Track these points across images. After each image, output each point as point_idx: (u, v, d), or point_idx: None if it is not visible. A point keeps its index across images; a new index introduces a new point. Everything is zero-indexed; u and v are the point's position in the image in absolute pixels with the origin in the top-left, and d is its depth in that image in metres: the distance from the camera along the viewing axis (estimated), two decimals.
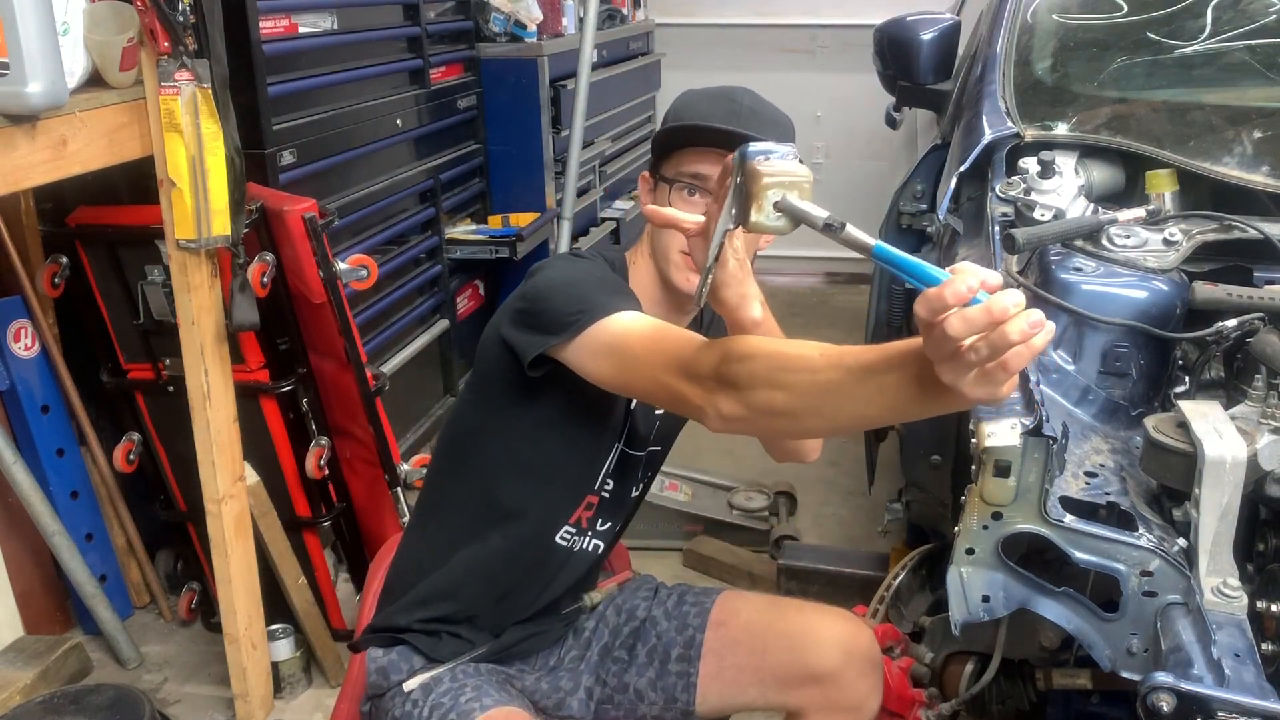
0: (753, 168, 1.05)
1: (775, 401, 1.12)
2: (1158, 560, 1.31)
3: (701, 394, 1.19)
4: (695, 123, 1.44)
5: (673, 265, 1.46)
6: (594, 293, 1.37)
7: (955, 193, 2.06)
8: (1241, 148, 1.97)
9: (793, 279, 5.31)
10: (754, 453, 3.50)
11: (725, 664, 1.56)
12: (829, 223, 1.01)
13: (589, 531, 1.57)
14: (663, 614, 1.62)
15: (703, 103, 1.49)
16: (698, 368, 1.20)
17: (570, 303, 1.35)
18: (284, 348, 2.33)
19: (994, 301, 0.86)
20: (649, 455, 1.62)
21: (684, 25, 5.08)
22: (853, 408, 1.08)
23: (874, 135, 4.80)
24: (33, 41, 1.63)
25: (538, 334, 1.37)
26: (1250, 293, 1.60)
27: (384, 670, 1.51)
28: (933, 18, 2.72)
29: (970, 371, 0.90)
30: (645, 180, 1.54)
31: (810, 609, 1.61)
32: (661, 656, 1.58)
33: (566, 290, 1.38)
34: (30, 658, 2.37)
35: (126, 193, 2.28)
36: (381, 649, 1.53)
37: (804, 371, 1.10)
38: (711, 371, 1.18)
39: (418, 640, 1.51)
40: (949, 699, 1.86)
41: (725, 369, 1.16)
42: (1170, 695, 1.14)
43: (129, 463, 2.43)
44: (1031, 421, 1.38)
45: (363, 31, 2.91)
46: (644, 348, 1.29)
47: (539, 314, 1.38)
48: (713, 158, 1.41)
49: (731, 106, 1.47)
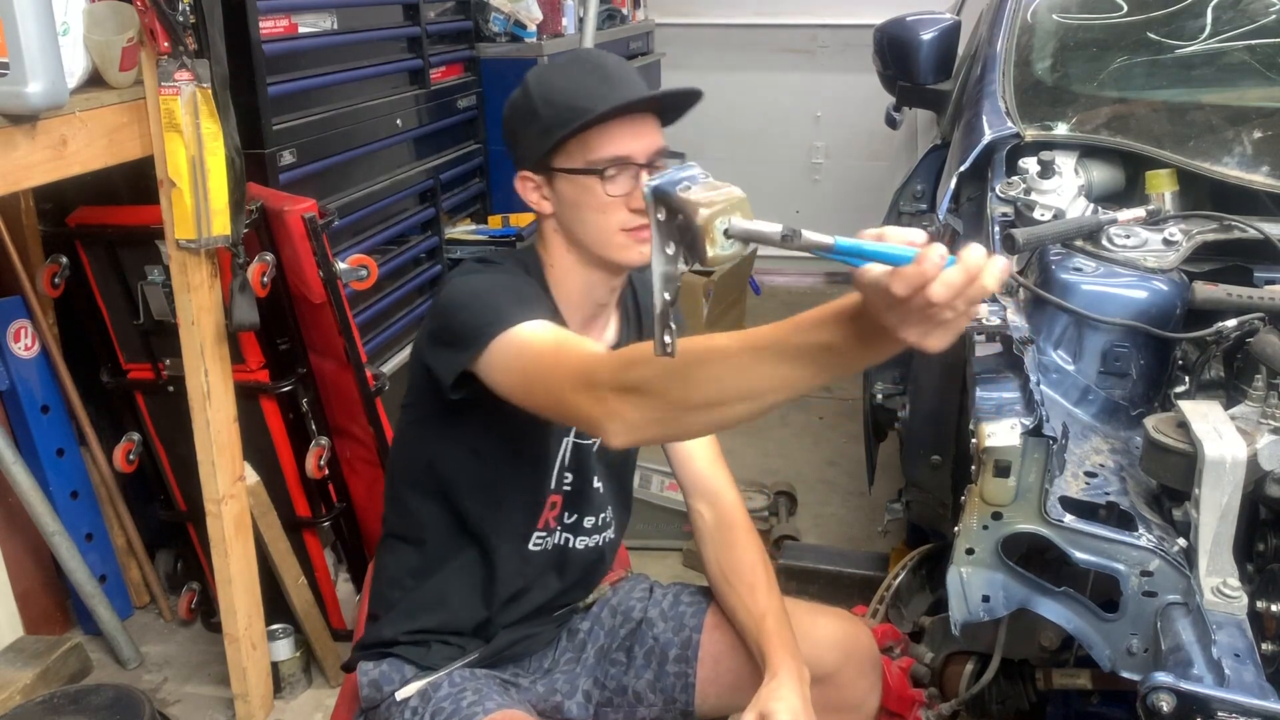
0: (683, 200, 0.98)
1: (691, 395, 1.09)
2: (1158, 560, 1.31)
3: (601, 406, 1.14)
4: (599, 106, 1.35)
5: (617, 247, 1.41)
6: (501, 302, 1.33)
7: (955, 193, 2.06)
8: (1241, 148, 1.97)
9: (793, 279, 5.31)
10: (754, 453, 3.53)
11: (722, 667, 1.56)
12: (784, 234, 0.99)
13: (558, 529, 1.54)
14: (658, 615, 1.61)
15: (572, 80, 1.41)
16: (596, 377, 1.16)
17: (477, 315, 1.33)
18: (284, 348, 2.33)
19: (969, 262, 0.89)
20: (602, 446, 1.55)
21: (684, 25, 5.07)
22: (774, 380, 1.07)
23: (874, 135, 4.80)
24: (33, 41, 1.63)
25: (451, 352, 1.35)
26: (1250, 293, 1.60)
27: (376, 683, 1.49)
28: (933, 18, 2.72)
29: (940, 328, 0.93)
30: (528, 180, 1.45)
31: (806, 609, 1.60)
32: (659, 658, 1.57)
33: (472, 303, 1.35)
34: (30, 658, 2.37)
35: (126, 193, 2.28)
36: (372, 662, 1.51)
37: (718, 358, 1.08)
38: (611, 378, 1.14)
39: (407, 651, 1.49)
40: (949, 699, 1.86)
41: (628, 374, 1.13)
42: (1170, 695, 1.14)
43: (129, 463, 2.43)
44: (1031, 421, 1.38)
45: (363, 31, 2.90)
46: (545, 359, 1.26)
47: (450, 330, 1.36)
48: (628, 134, 1.38)
49: (605, 73, 1.42)
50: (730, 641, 1.56)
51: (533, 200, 1.45)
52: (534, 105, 1.42)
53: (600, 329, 1.53)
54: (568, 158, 1.40)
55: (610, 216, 1.39)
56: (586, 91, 1.38)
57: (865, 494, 2.94)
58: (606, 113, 1.36)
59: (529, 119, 1.42)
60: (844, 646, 1.55)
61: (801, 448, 3.59)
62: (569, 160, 1.40)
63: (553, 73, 1.44)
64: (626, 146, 1.38)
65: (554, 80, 1.42)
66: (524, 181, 1.45)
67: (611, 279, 1.48)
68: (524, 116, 1.43)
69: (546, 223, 1.47)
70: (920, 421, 2.17)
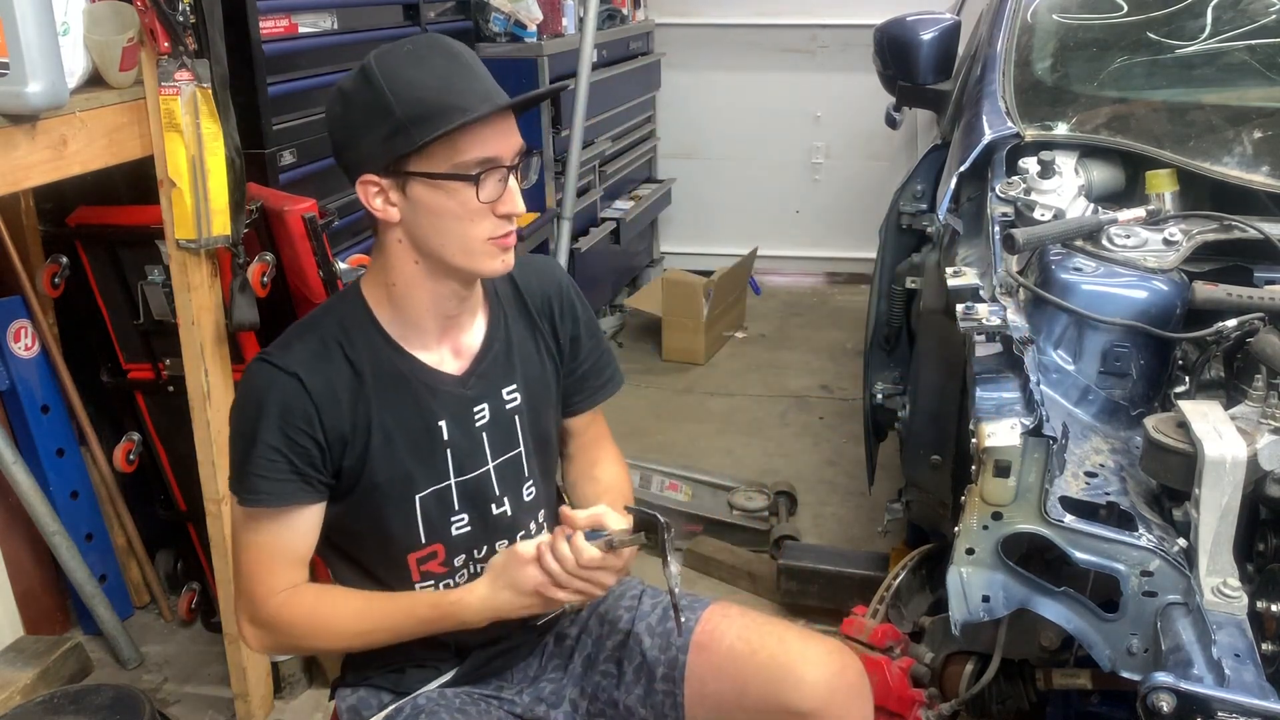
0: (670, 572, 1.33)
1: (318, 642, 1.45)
2: (1158, 560, 1.31)
3: (240, 627, 1.41)
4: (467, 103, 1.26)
5: (481, 255, 1.32)
6: (244, 462, 1.33)
7: (955, 193, 2.05)
8: (1241, 148, 1.97)
9: (793, 279, 5.31)
10: (754, 453, 3.53)
11: (708, 690, 1.48)
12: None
13: (461, 570, 1.47)
14: (645, 629, 1.53)
15: (428, 72, 1.27)
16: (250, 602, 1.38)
17: (233, 462, 1.36)
18: None
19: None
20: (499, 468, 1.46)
21: (684, 25, 5.07)
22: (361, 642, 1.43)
23: (874, 135, 4.80)
24: (33, 41, 1.63)
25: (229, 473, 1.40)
26: (1250, 293, 1.60)
27: (354, 709, 1.47)
28: (933, 18, 2.72)
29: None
30: (370, 184, 1.30)
31: (794, 639, 1.47)
32: (648, 674, 1.50)
33: (231, 443, 1.38)
34: (30, 658, 2.37)
35: (126, 193, 2.28)
36: (349, 688, 1.50)
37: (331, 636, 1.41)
38: (254, 611, 1.38)
39: (383, 679, 1.48)
40: (949, 699, 1.86)
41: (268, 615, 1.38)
42: (1170, 695, 1.14)
43: (129, 463, 2.43)
44: (1031, 421, 1.38)
45: (363, 31, 2.90)
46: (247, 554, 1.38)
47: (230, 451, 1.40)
48: (497, 134, 1.28)
49: (462, 64, 1.30)
50: (715, 663, 1.48)
51: (375, 207, 1.31)
52: (383, 100, 1.26)
53: (461, 332, 1.43)
54: (428, 161, 1.27)
55: (477, 224, 1.29)
56: (448, 86, 1.26)
57: (865, 494, 2.94)
58: (485, 114, 1.26)
59: (376, 116, 1.27)
60: (829, 684, 1.43)
61: (801, 448, 3.59)
62: (430, 164, 1.27)
63: (400, 62, 1.28)
64: (495, 147, 1.28)
65: (405, 72, 1.27)
66: (366, 187, 1.30)
67: (463, 289, 1.38)
68: (368, 112, 1.27)
69: (389, 233, 1.33)
70: (920, 421, 2.17)
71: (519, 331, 1.48)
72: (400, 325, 1.38)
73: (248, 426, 1.33)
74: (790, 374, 4.21)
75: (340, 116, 1.32)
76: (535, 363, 1.50)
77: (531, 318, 1.50)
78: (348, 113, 1.31)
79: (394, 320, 1.38)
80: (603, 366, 1.59)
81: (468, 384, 1.42)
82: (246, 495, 1.34)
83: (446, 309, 1.39)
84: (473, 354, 1.43)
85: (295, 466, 1.33)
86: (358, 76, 1.29)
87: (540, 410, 1.50)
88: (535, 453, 1.51)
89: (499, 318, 1.47)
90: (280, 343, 1.37)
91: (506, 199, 1.31)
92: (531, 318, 1.50)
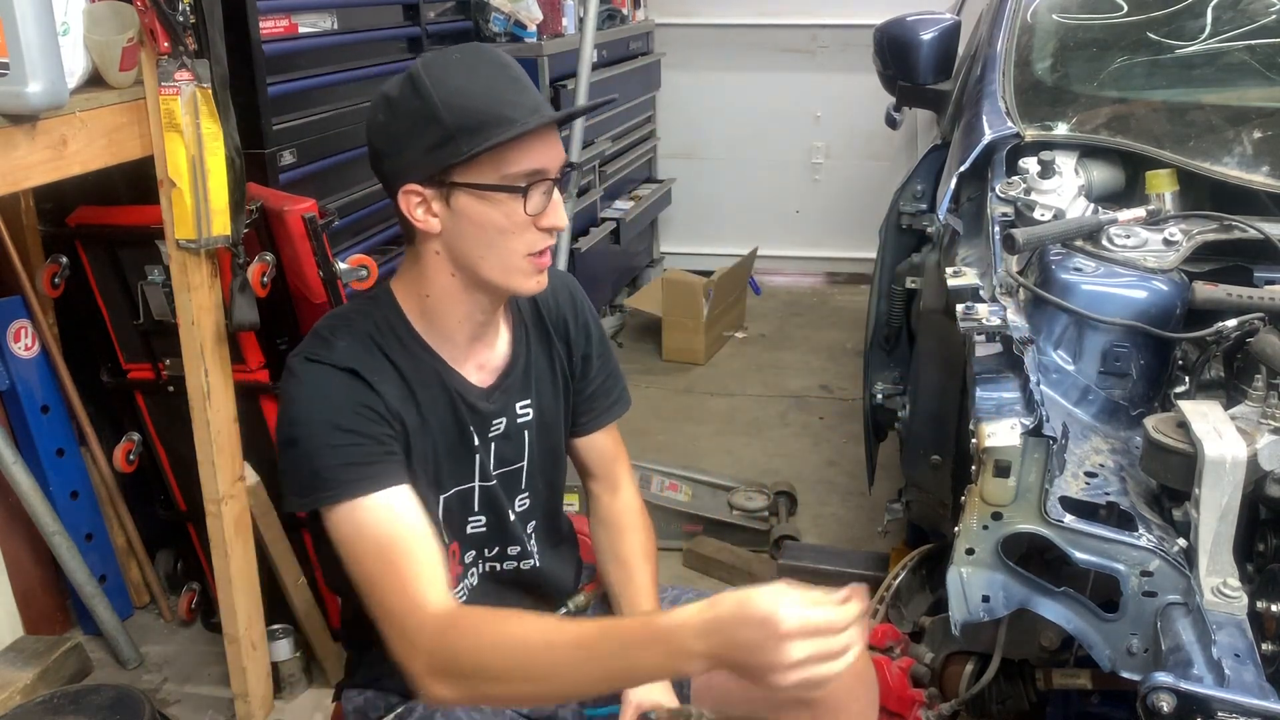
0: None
1: (512, 692, 1.18)
2: (1158, 560, 1.31)
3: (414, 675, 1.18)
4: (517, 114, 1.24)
5: (518, 273, 1.31)
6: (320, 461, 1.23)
7: (955, 193, 2.05)
8: (1241, 148, 1.97)
9: (793, 279, 5.32)
10: (754, 453, 3.53)
11: (714, 680, 1.48)
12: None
13: (472, 568, 1.48)
14: None
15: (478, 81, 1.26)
16: (411, 640, 1.18)
17: (296, 468, 1.24)
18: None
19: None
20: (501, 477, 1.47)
21: (684, 25, 5.07)
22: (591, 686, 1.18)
23: (874, 135, 4.80)
24: (33, 41, 1.63)
25: (287, 484, 1.27)
26: (1250, 293, 1.60)
27: (361, 710, 1.47)
28: (933, 18, 2.72)
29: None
30: (414, 194, 1.27)
31: None
32: None
33: (292, 449, 1.24)
34: (30, 658, 2.37)
35: (126, 193, 2.28)
36: (357, 689, 1.49)
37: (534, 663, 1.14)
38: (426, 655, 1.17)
39: (392, 683, 1.46)
40: (949, 699, 1.86)
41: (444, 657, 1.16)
42: (1170, 695, 1.14)
43: (129, 463, 2.43)
44: (1031, 421, 1.38)
45: (363, 31, 2.90)
46: (367, 567, 1.22)
47: (285, 462, 1.27)
48: (543, 146, 1.27)
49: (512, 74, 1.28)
50: None
51: (416, 218, 1.28)
52: (432, 109, 1.23)
53: (488, 344, 1.43)
54: (475, 171, 1.25)
55: (519, 238, 1.28)
56: (498, 96, 1.25)
57: (865, 494, 2.94)
58: (536, 126, 1.24)
59: (424, 124, 1.24)
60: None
61: (801, 448, 3.59)
62: (477, 174, 1.25)
63: (449, 70, 1.26)
64: (542, 159, 1.27)
65: (454, 80, 1.25)
66: (407, 197, 1.27)
67: (494, 303, 1.38)
68: (415, 121, 1.25)
69: (427, 244, 1.31)
70: (920, 421, 2.17)
71: (537, 348, 1.49)
72: (432, 334, 1.37)
73: (316, 424, 1.25)
74: (790, 374, 4.21)
75: (384, 124, 1.29)
76: (549, 379, 1.50)
77: (548, 334, 1.50)
78: (393, 120, 1.27)
79: (427, 329, 1.36)
80: (611, 387, 1.59)
81: (491, 397, 1.42)
82: (337, 491, 1.22)
83: (477, 321, 1.37)
84: (496, 369, 1.43)
85: (383, 446, 1.27)
86: (404, 84, 1.26)
87: (550, 425, 1.51)
88: (539, 468, 1.51)
89: (521, 334, 1.47)
90: (318, 342, 1.31)
91: (551, 211, 1.29)
92: (548, 334, 1.50)
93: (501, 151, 1.24)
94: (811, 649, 1.02)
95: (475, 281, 1.32)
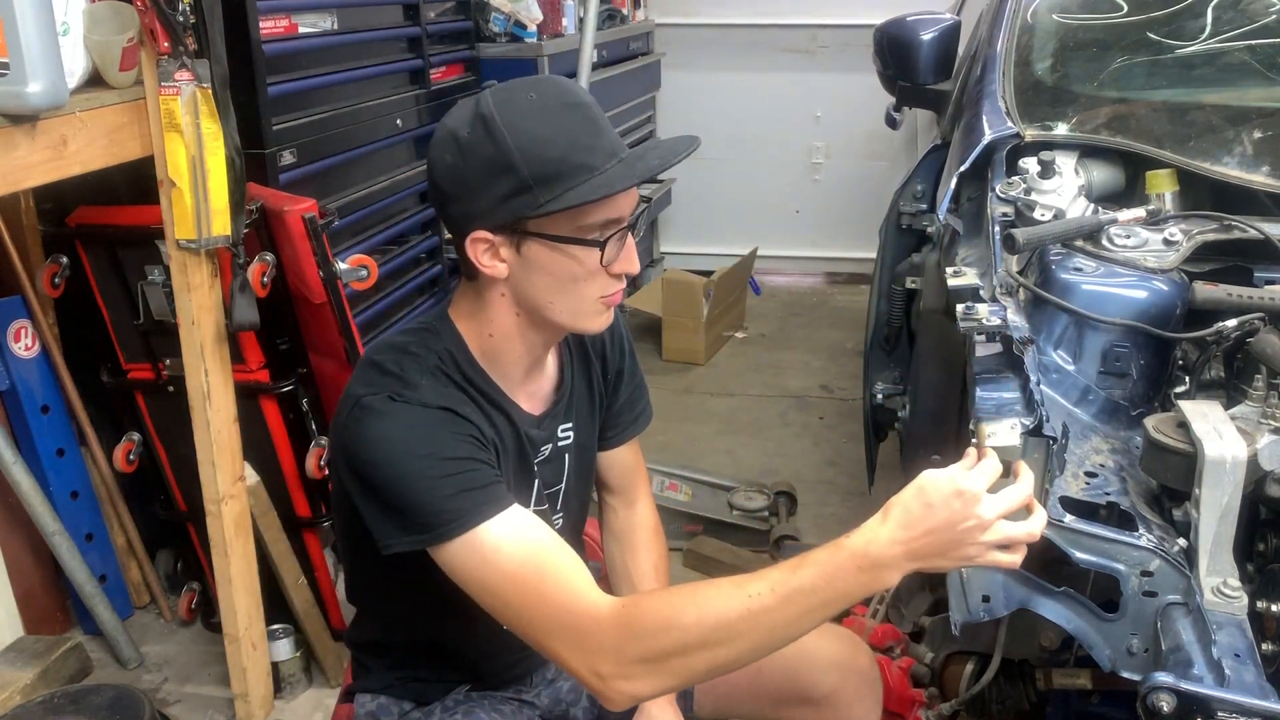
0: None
1: (717, 659, 1.11)
2: (1158, 560, 1.31)
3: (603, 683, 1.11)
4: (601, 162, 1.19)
5: (590, 315, 1.28)
6: (439, 493, 1.16)
7: (955, 193, 2.05)
8: (1241, 148, 1.97)
9: (793, 279, 5.32)
10: (754, 453, 3.53)
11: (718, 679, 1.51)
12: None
13: None
14: None
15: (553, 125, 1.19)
16: (592, 643, 1.11)
17: (413, 505, 1.16)
18: (284, 348, 2.33)
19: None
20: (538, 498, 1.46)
21: (684, 25, 5.08)
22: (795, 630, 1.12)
23: (874, 135, 4.80)
24: (33, 41, 1.63)
25: (391, 524, 1.19)
26: (1250, 293, 1.60)
27: (374, 715, 1.47)
28: (933, 18, 2.72)
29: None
30: (483, 241, 1.21)
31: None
32: None
33: (403, 485, 1.17)
34: (30, 658, 2.37)
35: (126, 193, 2.28)
36: (370, 694, 1.49)
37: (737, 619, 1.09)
38: (614, 652, 1.11)
39: (405, 690, 1.47)
40: (949, 699, 1.86)
41: (638, 646, 1.10)
42: (1170, 695, 1.14)
43: (129, 463, 2.43)
44: (1031, 421, 1.38)
45: (363, 31, 2.90)
46: (520, 586, 1.15)
47: (382, 500, 1.19)
48: (624, 196, 1.23)
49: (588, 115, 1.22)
50: None
51: (484, 264, 1.23)
52: (508, 157, 1.17)
53: (541, 374, 1.41)
54: (550, 222, 1.19)
55: (593, 284, 1.24)
56: (576, 143, 1.18)
57: (865, 494, 2.93)
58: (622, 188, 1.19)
59: (498, 172, 1.18)
60: (841, 669, 1.51)
61: (801, 448, 3.59)
62: (552, 225, 1.20)
63: (524, 114, 1.19)
64: (620, 209, 1.23)
65: (530, 126, 1.18)
66: (475, 244, 1.22)
67: (558, 338, 1.36)
68: (490, 168, 1.18)
69: (493, 288, 1.26)
70: (920, 421, 2.17)
71: (579, 372, 1.48)
72: (493, 367, 1.33)
73: (419, 459, 1.18)
74: (790, 374, 4.21)
75: (453, 167, 1.21)
76: (586, 402, 1.49)
77: (588, 356, 1.49)
78: (463, 164, 1.20)
79: (488, 362, 1.33)
80: (637, 400, 1.58)
81: (541, 424, 1.41)
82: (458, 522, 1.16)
83: (536, 355, 1.35)
84: (546, 396, 1.42)
85: (493, 469, 1.23)
86: (476, 125, 1.19)
87: (585, 446, 1.50)
88: (574, 489, 1.50)
89: (567, 360, 1.45)
90: (392, 379, 1.24)
91: (625, 258, 1.26)
92: (588, 356, 1.49)
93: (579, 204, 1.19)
94: (1004, 504, 1.09)
95: (541, 323, 1.29)
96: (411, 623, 1.46)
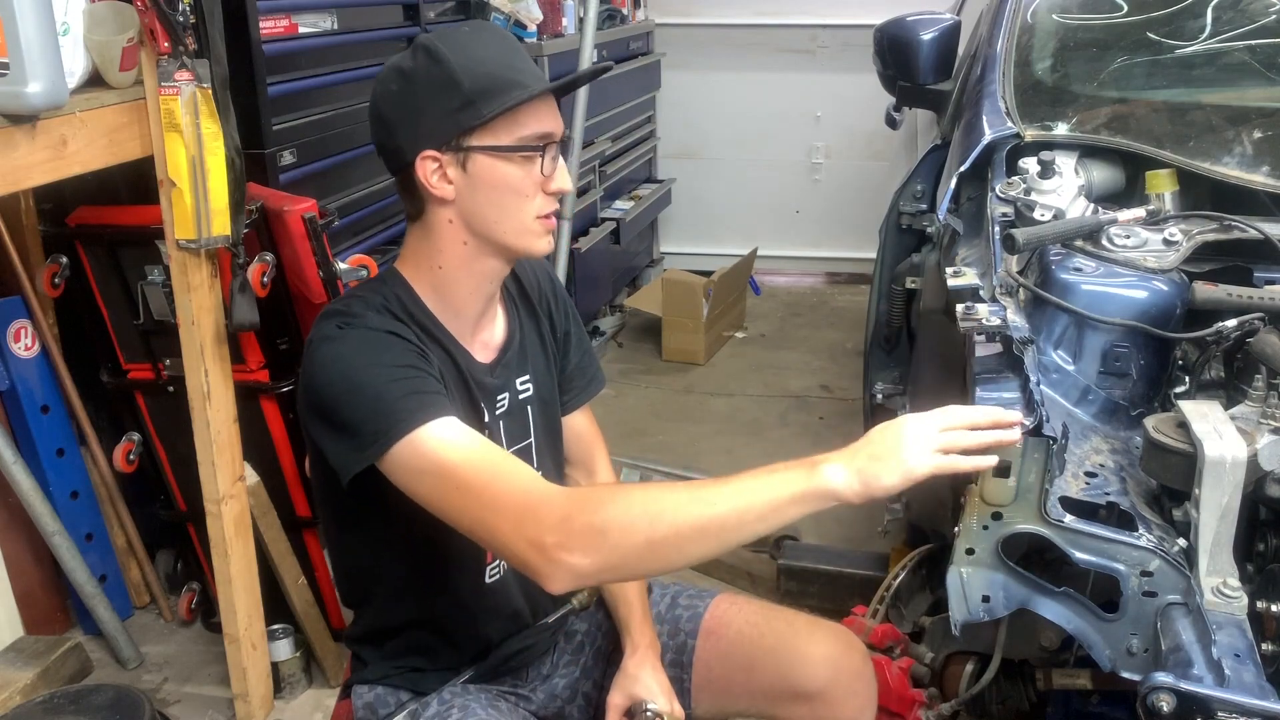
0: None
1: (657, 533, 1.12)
2: (1158, 560, 1.31)
3: (544, 554, 1.12)
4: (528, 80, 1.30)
5: (530, 234, 1.35)
6: (392, 392, 1.21)
7: (955, 193, 2.05)
8: (1241, 148, 1.97)
9: (793, 279, 5.32)
10: (754, 453, 3.53)
11: (715, 674, 1.55)
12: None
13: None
14: (655, 617, 1.59)
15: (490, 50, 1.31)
16: (541, 514, 1.14)
17: (367, 408, 1.21)
18: (284, 348, 2.33)
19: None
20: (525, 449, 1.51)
21: (684, 25, 5.08)
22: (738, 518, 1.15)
23: (874, 135, 4.80)
24: (33, 41, 1.63)
25: (345, 444, 1.23)
26: (1250, 293, 1.60)
27: (370, 706, 1.48)
28: (933, 18, 2.72)
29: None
30: (432, 160, 1.29)
31: (801, 623, 1.56)
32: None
33: (357, 390, 1.22)
34: (30, 658, 2.37)
35: (126, 193, 2.28)
36: (366, 686, 1.50)
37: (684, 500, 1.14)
38: (561, 521, 1.13)
39: (402, 679, 1.48)
40: (949, 699, 1.86)
41: (586, 513, 1.13)
42: (1170, 695, 1.14)
43: (129, 463, 2.43)
44: (1031, 421, 1.38)
45: (363, 31, 2.90)
46: (469, 482, 1.18)
47: (338, 418, 1.24)
48: (549, 111, 1.33)
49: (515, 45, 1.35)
50: (723, 649, 1.55)
51: (433, 185, 1.31)
52: (452, 75, 1.27)
53: (490, 323, 1.46)
54: (492, 135, 1.29)
55: (531, 200, 1.33)
56: (509, 63, 1.31)
57: None
58: (548, 90, 1.31)
59: (443, 91, 1.28)
60: (834, 665, 1.51)
61: (801, 448, 3.56)
62: (494, 138, 1.29)
63: (464, 40, 1.31)
64: (549, 124, 1.33)
65: (470, 49, 1.30)
66: (425, 163, 1.30)
67: (505, 269, 1.41)
68: (434, 88, 1.28)
69: (440, 213, 1.33)
70: None
71: (527, 325, 1.52)
72: (443, 309, 1.39)
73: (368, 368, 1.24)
74: (790, 374, 4.21)
75: (399, 93, 1.31)
76: (541, 356, 1.53)
77: (535, 310, 1.53)
78: (409, 88, 1.30)
79: (437, 304, 1.38)
80: (587, 364, 1.63)
81: (494, 373, 1.45)
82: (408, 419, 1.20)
83: (485, 292, 1.41)
84: (497, 345, 1.46)
85: (440, 382, 1.29)
86: (419, 53, 1.30)
87: (548, 401, 1.54)
88: (545, 444, 1.53)
89: (514, 311, 1.50)
90: (341, 316, 1.31)
91: (560, 175, 1.34)
92: (535, 310, 1.53)
93: (516, 115, 1.29)
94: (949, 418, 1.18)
95: (488, 247, 1.35)
96: (399, 602, 1.47)
